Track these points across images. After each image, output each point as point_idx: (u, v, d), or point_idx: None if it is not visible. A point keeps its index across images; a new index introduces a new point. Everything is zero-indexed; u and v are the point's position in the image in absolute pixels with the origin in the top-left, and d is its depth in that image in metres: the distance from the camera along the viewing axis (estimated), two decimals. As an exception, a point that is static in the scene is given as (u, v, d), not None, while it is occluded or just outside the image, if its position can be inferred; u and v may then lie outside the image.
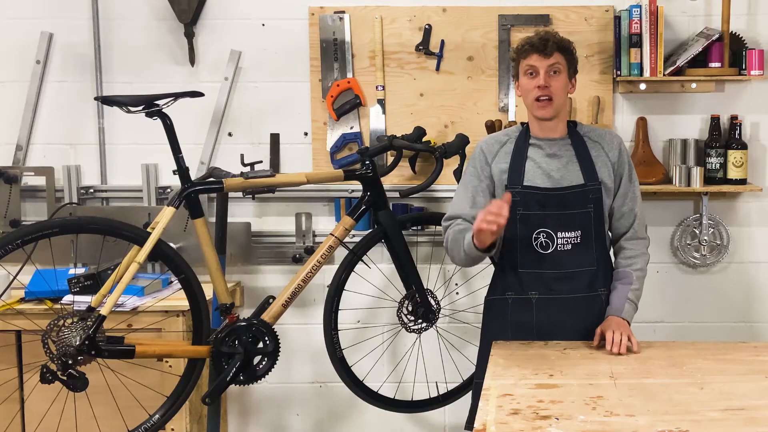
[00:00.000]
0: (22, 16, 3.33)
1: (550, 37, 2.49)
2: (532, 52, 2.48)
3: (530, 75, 2.50)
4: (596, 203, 2.51)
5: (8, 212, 3.30)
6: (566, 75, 2.52)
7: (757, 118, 3.33)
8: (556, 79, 2.49)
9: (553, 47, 2.47)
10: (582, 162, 2.53)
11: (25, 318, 2.87)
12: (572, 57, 2.54)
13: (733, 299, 3.40)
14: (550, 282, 2.52)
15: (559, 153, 2.54)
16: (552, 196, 2.51)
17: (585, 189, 2.51)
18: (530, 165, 2.53)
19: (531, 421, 1.81)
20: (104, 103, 2.80)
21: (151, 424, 2.67)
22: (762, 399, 1.95)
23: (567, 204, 2.51)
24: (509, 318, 2.56)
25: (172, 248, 2.71)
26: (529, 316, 2.53)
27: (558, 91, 2.49)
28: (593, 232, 2.52)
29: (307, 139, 3.36)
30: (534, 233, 2.50)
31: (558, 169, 2.52)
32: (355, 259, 2.97)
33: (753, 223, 3.38)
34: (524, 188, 2.51)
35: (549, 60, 2.47)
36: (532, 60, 2.48)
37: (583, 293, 2.52)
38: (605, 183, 2.53)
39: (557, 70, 2.49)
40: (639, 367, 2.21)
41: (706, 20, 3.27)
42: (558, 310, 2.52)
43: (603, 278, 2.55)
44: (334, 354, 2.96)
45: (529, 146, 2.56)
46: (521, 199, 2.51)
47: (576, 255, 2.51)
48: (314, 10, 3.29)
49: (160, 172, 3.35)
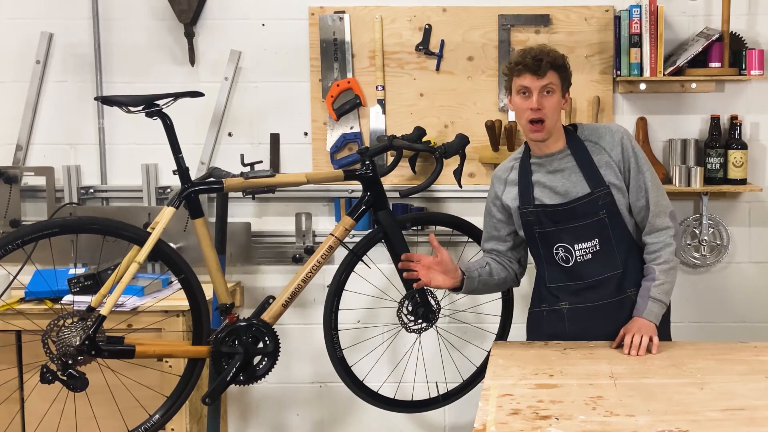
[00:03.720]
0: (22, 16, 3.33)
1: (544, 56, 2.46)
2: (525, 72, 2.46)
3: (523, 94, 2.49)
4: (609, 207, 2.51)
5: (8, 212, 3.30)
6: (559, 93, 2.51)
7: (757, 118, 3.33)
8: (549, 99, 2.48)
9: (546, 67, 2.45)
10: (585, 170, 2.52)
11: (25, 318, 2.87)
12: (566, 73, 2.54)
13: (733, 299, 3.40)
14: (578, 292, 2.57)
15: (560, 167, 2.55)
16: (562, 212, 2.53)
17: (593, 197, 2.51)
18: (536, 185, 2.57)
19: (531, 421, 1.81)
20: (104, 103, 2.79)
21: (151, 424, 2.67)
22: (762, 399, 1.95)
23: (578, 216, 2.52)
24: (545, 329, 2.62)
25: (172, 248, 2.70)
26: (561, 326, 2.59)
27: (551, 111, 2.48)
28: (612, 237, 2.53)
29: (307, 139, 3.36)
30: (553, 249, 2.56)
31: (562, 184, 2.54)
32: (355, 259, 2.96)
33: (753, 223, 3.37)
34: (536, 207, 2.55)
35: (542, 81, 2.46)
36: (525, 80, 2.47)
37: (611, 298, 2.54)
38: (614, 184, 2.52)
39: (550, 90, 2.48)
40: (639, 367, 2.21)
41: (706, 20, 3.27)
42: (588, 318, 2.55)
43: (633, 278, 2.56)
44: (334, 354, 2.95)
45: (531, 165, 2.59)
46: (536, 218, 2.56)
47: (598, 263, 2.53)
48: (314, 10, 3.29)
49: (160, 172, 3.35)
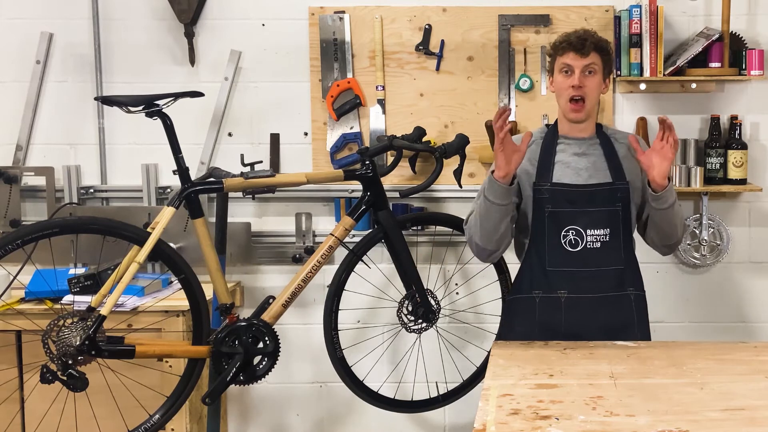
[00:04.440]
0: (22, 16, 3.33)
1: (589, 37, 2.50)
2: (569, 50, 2.50)
3: (565, 73, 2.52)
4: (624, 202, 2.52)
5: (8, 212, 3.30)
6: (601, 75, 2.54)
7: (757, 118, 3.33)
8: (591, 79, 2.50)
9: (590, 47, 2.49)
10: (610, 161, 2.54)
11: (25, 318, 2.87)
12: (609, 57, 2.57)
13: (733, 299, 3.40)
14: (578, 280, 2.51)
15: (588, 152, 2.56)
16: (581, 193, 2.52)
17: (613, 187, 2.52)
18: (559, 164, 2.55)
19: (531, 421, 1.81)
20: (104, 103, 2.79)
21: (151, 424, 2.67)
22: (762, 399, 1.95)
23: (596, 201, 2.52)
24: (537, 317, 2.54)
25: (172, 248, 2.70)
26: (558, 315, 2.52)
27: (591, 91, 2.51)
28: (621, 232, 2.53)
29: (307, 139, 3.36)
30: (563, 230, 2.51)
31: (586, 168, 2.54)
32: (355, 259, 2.96)
33: (753, 223, 3.37)
34: (553, 185, 2.53)
35: (585, 60, 2.49)
36: (569, 58, 2.50)
37: (612, 292, 2.53)
38: (633, 182, 2.54)
39: (593, 71, 2.51)
40: (639, 367, 2.21)
41: (706, 20, 3.27)
42: (587, 309, 2.51)
43: (632, 278, 2.56)
44: (334, 354, 2.95)
45: (558, 144, 2.58)
46: (550, 197, 2.52)
47: (605, 253, 2.51)
48: (314, 10, 3.29)
49: (160, 172, 3.35)
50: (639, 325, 2.57)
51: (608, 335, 2.48)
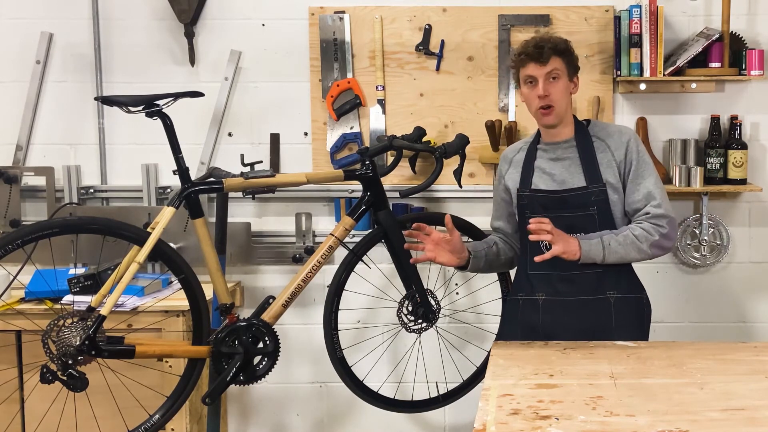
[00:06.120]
0: (22, 16, 3.33)
1: (545, 43, 2.49)
2: (528, 61, 2.50)
3: (530, 84, 2.52)
4: (600, 205, 2.51)
5: (8, 212, 3.30)
6: (566, 78, 2.53)
7: (757, 118, 3.33)
8: (555, 86, 2.50)
9: (549, 53, 2.48)
10: (585, 164, 2.54)
11: (25, 318, 2.87)
12: (570, 57, 2.55)
13: (733, 299, 3.40)
14: (555, 283, 2.55)
15: (563, 156, 2.57)
16: (553, 199, 2.54)
17: (587, 191, 2.52)
18: (537, 170, 2.58)
19: (531, 421, 1.81)
20: (104, 103, 2.79)
21: (151, 424, 2.66)
22: (762, 399, 1.95)
23: (568, 206, 2.53)
24: (519, 318, 2.62)
25: (172, 248, 2.70)
26: (536, 317, 2.58)
27: (558, 97, 2.50)
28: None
29: (307, 139, 3.36)
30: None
31: (560, 173, 2.55)
32: (355, 259, 2.96)
33: (753, 223, 3.38)
34: (531, 192, 2.58)
35: (546, 67, 2.48)
36: (530, 69, 2.50)
37: (589, 296, 2.53)
38: (611, 183, 2.52)
39: (556, 76, 2.50)
40: (639, 367, 2.21)
41: (706, 20, 3.27)
42: (563, 312, 2.54)
43: (614, 281, 2.54)
44: (334, 354, 2.95)
45: (537, 151, 2.61)
46: (528, 203, 2.59)
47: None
48: (314, 10, 3.29)
49: (160, 172, 3.35)
50: (623, 328, 2.53)
51: (583, 337, 2.46)
